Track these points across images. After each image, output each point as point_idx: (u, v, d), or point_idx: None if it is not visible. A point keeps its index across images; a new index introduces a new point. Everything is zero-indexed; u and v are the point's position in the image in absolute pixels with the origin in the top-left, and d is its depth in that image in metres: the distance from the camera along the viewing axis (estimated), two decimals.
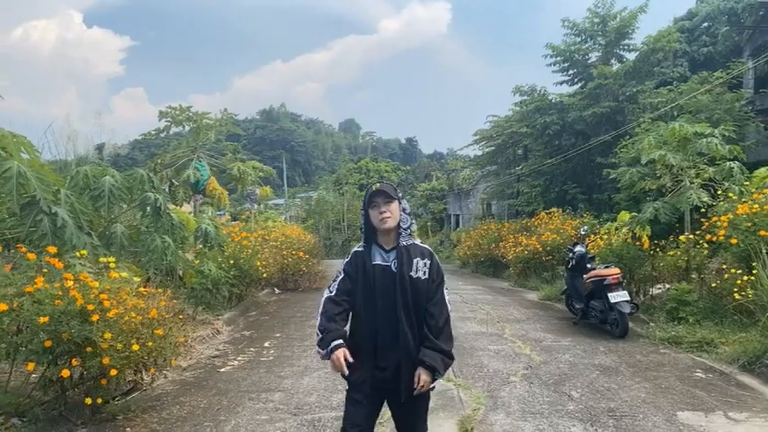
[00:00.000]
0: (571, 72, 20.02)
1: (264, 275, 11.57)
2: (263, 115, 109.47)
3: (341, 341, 2.83)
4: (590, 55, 19.68)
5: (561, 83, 20.41)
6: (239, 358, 7.36)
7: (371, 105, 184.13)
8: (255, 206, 17.26)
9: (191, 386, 6.10)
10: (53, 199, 5.24)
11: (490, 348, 7.68)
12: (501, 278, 18.35)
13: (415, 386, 2.86)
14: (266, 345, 8.06)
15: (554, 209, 17.72)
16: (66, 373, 4.52)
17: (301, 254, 14.32)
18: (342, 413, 4.97)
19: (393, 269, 2.93)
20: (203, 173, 11.97)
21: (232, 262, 9.87)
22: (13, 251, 5.19)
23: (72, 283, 4.68)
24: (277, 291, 13.89)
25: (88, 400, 4.76)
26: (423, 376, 2.85)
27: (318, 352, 2.92)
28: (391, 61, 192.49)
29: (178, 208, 10.22)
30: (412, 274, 2.91)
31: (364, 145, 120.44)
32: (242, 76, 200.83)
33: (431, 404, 5.26)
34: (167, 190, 11.06)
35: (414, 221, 3.10)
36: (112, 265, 5.39)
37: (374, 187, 2.97)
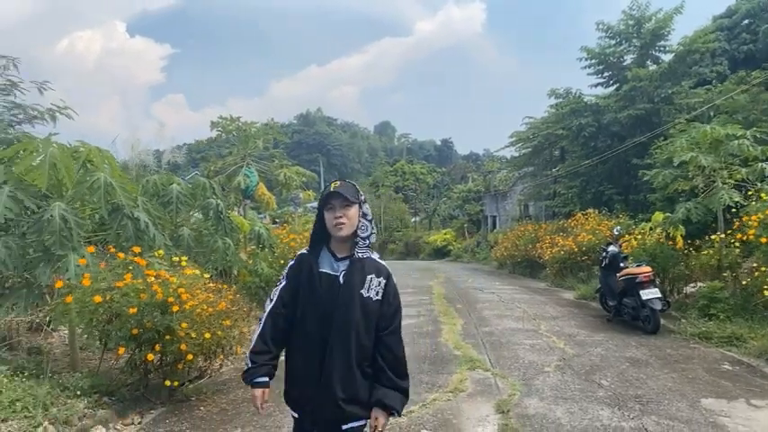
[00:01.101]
0: (606, 74, 20.18)
1: None
2: (300, 119, 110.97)
3: (265, 379, 2.59)
4: (625, 57, 19.81)
5: (596, 85, 20.60)
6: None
7: (406, 107, 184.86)
8: (299, 209, 18.01)
9: (237, 380, 6.73)
10: (133, 205, 5.93)
11: (526, 343, 8.11)
12: (538, 278, 18.63)
13: (372, 429, 2.54)
14: None
15: (590, 210, 17.93)
16: (150, 356, 5.21)
17: None
18: None
19: (340, 281, 2.52)
20: (252, 179, 12.72)
21: (282, 262, 10.54)
22: (100, 250, 5.91)
23: (153, 278, 5.37)
24: None
25: (167, 383, 5.43)
26: (380, 419, 2.52)
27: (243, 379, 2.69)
28: (426, 62, 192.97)
29: (232, 212, 10.95)
30: (363, 291, 2.51)
31: (400, 147, 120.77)
32: (279, 80, 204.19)
33: (470, 389, 5.82)
34: None
35: (374, 231, 2.66)
36: (184, 263, 6.07)
37: (332, 186, 2.57)
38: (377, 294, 2.53)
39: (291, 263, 2.72)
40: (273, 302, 2.66)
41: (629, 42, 19.46)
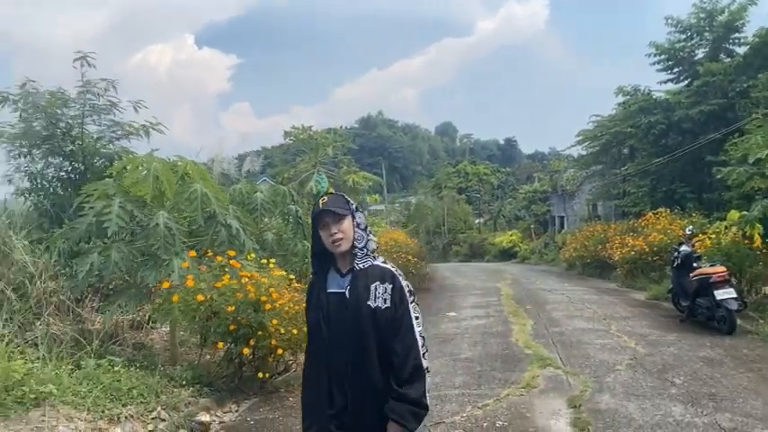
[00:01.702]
0: (676, 70, 19.66)
1: None
2: (361, 123, 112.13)
3: None
4: (696, 52, 19.26)
5: (666, 81, 20.11)
6: None
7: (468, 107, 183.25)
8: (365, 213, 18.56)
9: None
10: (226, 213, 6.51)
11: (596, 342, 8.21)
12: (608, 279, 18.37)
13: None
14: None
15: (661, 209, 17.55)
16: (246, 350, 5.75)
17: (410, 256, 15.33)
18: (463, 392, 5.87)
19: (347, 296, 2.44)
20: (323, 185, 13.21)
21: None
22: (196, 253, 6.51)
23: (246, 279, 5.91)
24: None
25: (260, 375, 5.96)
26: None
27: None
28: (488, 61, 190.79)
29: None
30: (370, 303, 2.40)
31: (462, 148, 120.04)
32: (341, 86, 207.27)
33: (542, 385, 6.05)
34: None
35: (372, 237, 2.56)
36: (271, 265, 6.60)
37: (320, 203, 2.48)
38: (385, 302, 2.40)
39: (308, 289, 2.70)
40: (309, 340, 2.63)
41: (701, 36, 18.91)
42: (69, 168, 8.86)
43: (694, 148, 17.90)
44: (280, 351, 5.89)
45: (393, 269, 2.52)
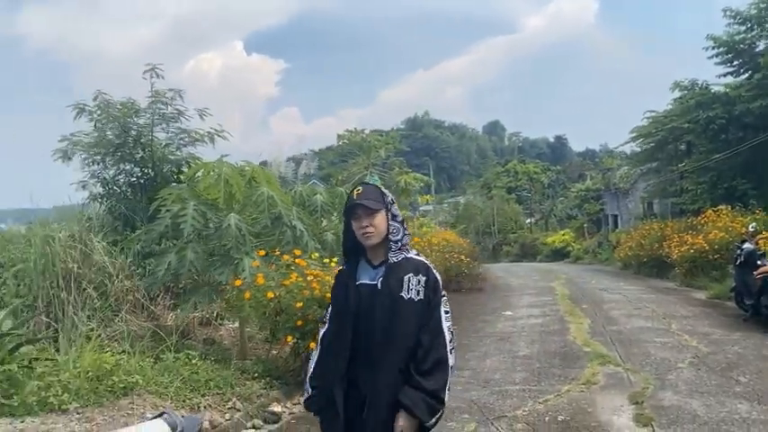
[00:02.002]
0: (736, 63, 19.01)
1: None
2: (408, 124, 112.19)
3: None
4: (757, 43, 18.54)
5: (725, 74, 19.46)
6: None
7: (516, 105, 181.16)
8: (416, 213, 18.74)
9: None
10: (290, 215, 6.81)
11: (656, 340, 8.14)
12: (665, 279, 17.95)
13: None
14: None
15: (722, 206, 17.05)
16: (312, 344, 5.99)
17: (463, 257, 15.41)
18: (523, 388, 5.97)
19: (379, 288, 2.45)
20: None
21: None
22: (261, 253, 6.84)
23: (312, 277, 6.18)
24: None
25: None
26: (399, 420, 2.35)
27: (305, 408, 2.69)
28: (535, 58, 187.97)
29: None
30: (403, 294, 2.40)
31: (510, 146, 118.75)
32: (387, 88, 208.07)
33: (602, 382, 6.08)
34: None
35: (407, 232, 2.57)
36: (333, 263, 6.85)
37: (354, 195, 2.49)
38: (418, 294, 2.41)
39: (333, 283, 2.72)
40: (327, 324, 2.64)
41: (762, 27, 18.23)
42: (140, 174, 9.39)
43: (757, 143, 17.30)
44: None
45: (427, 262, 2.56)
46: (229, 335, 7.98)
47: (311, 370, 2.64)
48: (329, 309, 2.69)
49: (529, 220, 48.34)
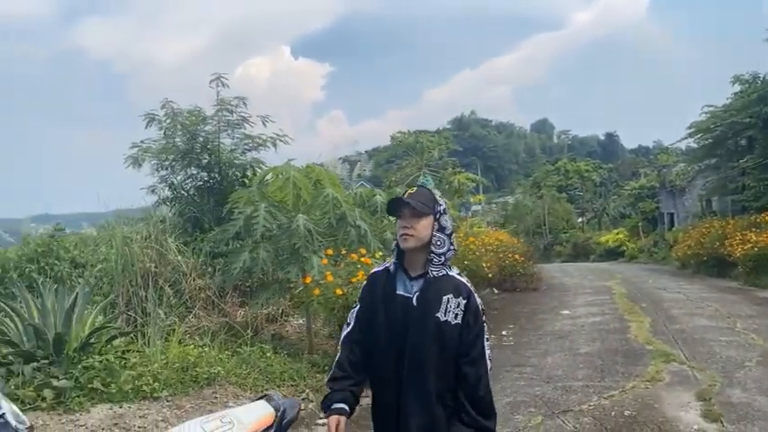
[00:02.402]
0: None
1: (490, 276, 12.90)
2: (454, 124, 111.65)
3: (341, 405, 2.36)
4: None
5: None
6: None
7: (565, 103, 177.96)
8: (469, 213, 18.82)
9: None
10: (354, 215, 7.06)
11: (721, 339, 8.03)
12: (727, 277, 17.43)
13: None
14: (503, 333, 9.30)
15: None
16: None
17: (517, 256, 15.42)
18: (587, 384, 6.04)
19: (414, 304, 2.29)
20: (428, 187, 13.73)
21: (466, 262, 11.34)
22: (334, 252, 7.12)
23: None
24: (496, 291, 15.11)
25: None
26: None
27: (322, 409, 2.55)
28: (583, 54, 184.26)
29: None
30: (439, 315, 2.24)
31: (560, 145, 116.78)
32: (432, 88, 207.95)
33: (667, 379, 6.09)
34: None
35: (453, 247, 2.34)
36: None
37: (407, 193, 2.36)
38: (455, 318, 2.24)
39: (365, 283, 2.57)
40: (350, 327, 2.49)
41: None
42: (206, 178, 9.84)
43: None
44: None
45: (468, 284, 2.35)
46: (295, 330, 8.31)
47: (331, 372, 2.52)
48: (356, 309, 2.51)
49: (580, 219, 47.50)
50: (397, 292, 2.33)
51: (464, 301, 2.27)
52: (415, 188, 2.39)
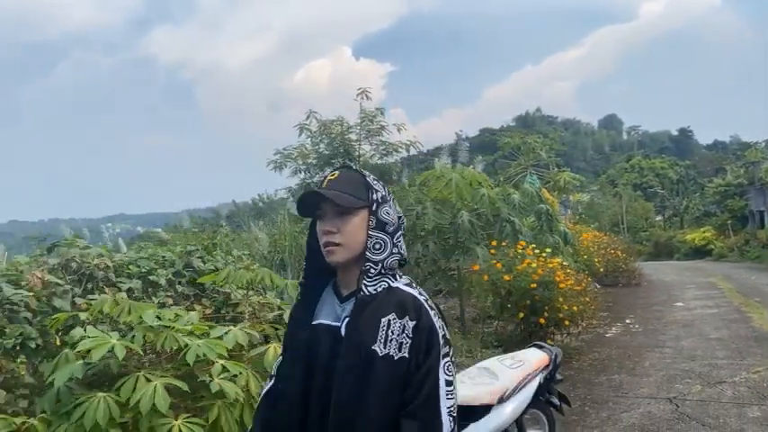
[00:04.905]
0: None
1: (601, 270, 13.59)
2: (519, 121, 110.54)
3: None
4: None
5: None
6: (612, 330, 9.43)
7: (633, 98, 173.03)
8: (568, 211, 19.36)
9: (592, 344, 8.38)
10: (508, 212, 8.01)
11: None
12: None
13: None
14: (627, 322, 10.02)
15: None
16: (542, 320, 7.17)
17: (618, 252, 15.97)
18: (730, 362, 6.73)
19: (341, 333, 1.62)
20: (535, 185, 14.48)
21: (585, 257, 12.08)
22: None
23: (535, 264, 7.34)
24: (598, 286, 15.70)
25: (549, 341, 7.34)
26: None
27: None
28: (653, 47, 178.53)
29: None
30: (377, 348, 1.56)
31: (630, 141, 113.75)
32: (494, 85, 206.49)
33: None
34: None
35: (398, 251, 1.66)
36: (543, 254, 7.97)
37: (325, 181, 1.66)
38: (399, 349, 1.55)
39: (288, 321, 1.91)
40: (272, 380, 1.83)
41: None
42: None
43: None
44: (567, 323, 7.24)
45: (421, 297, 1.64)
46: (446, 312, 9.33)
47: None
48: (278, 360, 1.85)
49: (659, 218, 46.68)
50: (319, 321, 1.68)
51: (412, 323, 1.58)
52: (337, 172, 1.67)
